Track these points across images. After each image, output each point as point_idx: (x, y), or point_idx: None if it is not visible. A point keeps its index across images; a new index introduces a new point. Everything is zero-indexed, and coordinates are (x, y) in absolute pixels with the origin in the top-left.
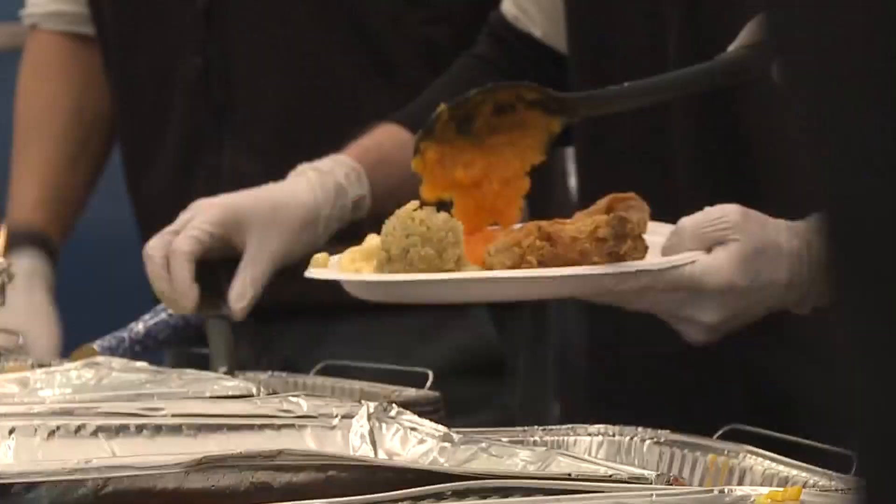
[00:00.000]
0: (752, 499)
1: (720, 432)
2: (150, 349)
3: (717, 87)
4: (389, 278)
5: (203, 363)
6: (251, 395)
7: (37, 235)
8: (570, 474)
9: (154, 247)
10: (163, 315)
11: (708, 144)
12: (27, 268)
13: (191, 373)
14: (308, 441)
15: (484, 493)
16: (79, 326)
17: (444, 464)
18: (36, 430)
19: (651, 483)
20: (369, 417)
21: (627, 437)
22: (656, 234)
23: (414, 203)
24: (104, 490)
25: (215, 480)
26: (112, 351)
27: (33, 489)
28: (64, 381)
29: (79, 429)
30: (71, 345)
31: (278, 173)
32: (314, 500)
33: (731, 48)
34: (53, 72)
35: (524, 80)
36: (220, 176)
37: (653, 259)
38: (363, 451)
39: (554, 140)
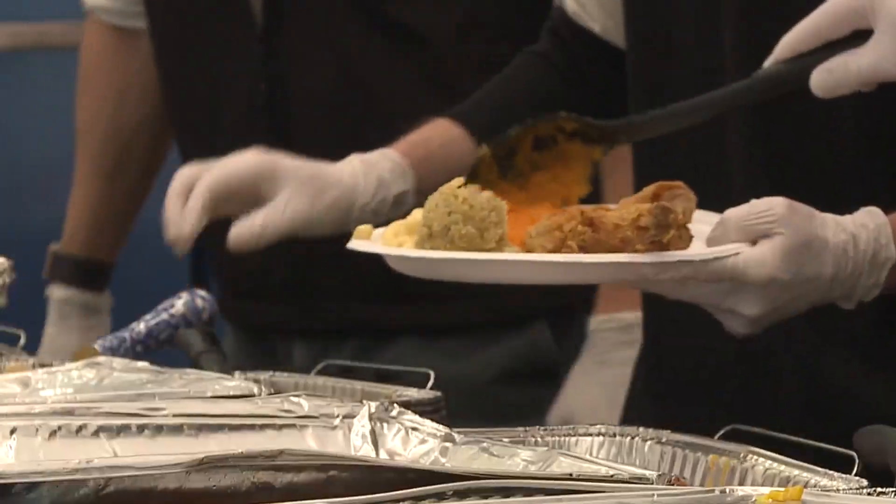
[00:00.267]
0: (753, 499)
1: (721, 432)
2: (152, 349)
3: (755, 103)
4: (428, 254)
5: None
6: (252, 395)
7: (75, 262)
8: (571, 474)
9: (184, 172)
10: (164, 315)
11: (761, 139)
12: (58, 305)
13: (192, 373)
14: (309, 441)
15: (485, 493)
16: None
17: (446, 464)
18: (37, 430)
19: (652, 483)
20: (370, 417)
21: (628, 438)
22: (704, 223)
23: (458, 180)
24: (105, 490)
25: (216, 480)
26: (113, 351)
27: (34, 489)
28: (65, 381)
29: (80, 429)
30: None
31: None
32: (315, 500)
33: (766, 64)
34: (96, 78)
35: (581, 77)
36: None
37: (697, 249)
38: (364, 451)
39: (596, 169)
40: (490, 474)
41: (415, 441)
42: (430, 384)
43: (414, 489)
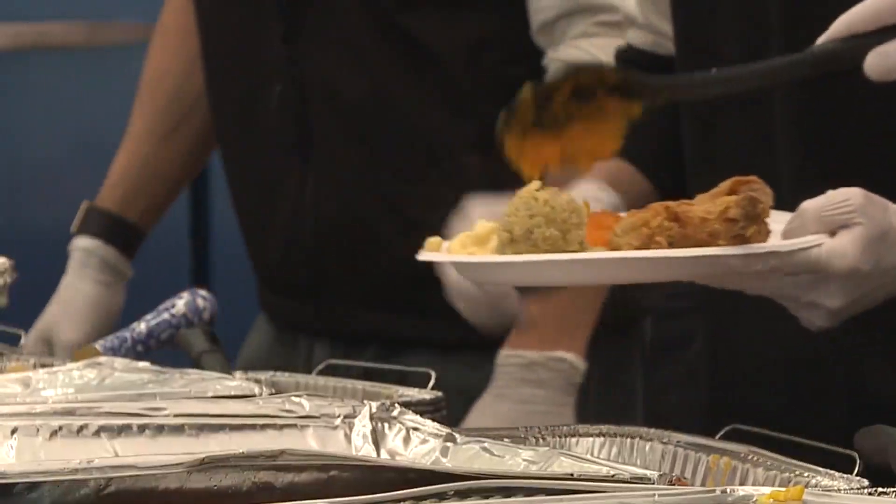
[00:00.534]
0: (754, 499)
1: (722, 432)
2: (153, 349)
3: (805, 78)
4: (514, 259)
5: None
6: (253, 395)
7: (105, 216)
8: (572, 474)
9: None
10: (165, 315)
11: (811, 131)
12: (79, 254)
13: (193, 372)
14: (310, 441)
15: (486, 492)
16: None
17: (447, 464)
18: (38, 429)
19: (653, 483)
20: (371, 417)
21: (629, 438)
22: (772, 221)
23: (536, 183)
24: (106, 490)
25: (217, 480)
26: (114, 351)
27: (35, 489)
28: (66, 381)
29: (81, 429)
30: None
31: (356, 209)
32: (316, 500)
33: (820, 41)
34: (173, 37)
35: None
36: (304, 210)
37: (776, 242)
38: (365, 450)
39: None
40: (491, 474)
41: (416, 441)
42: (430, 384)
43: (415, 489)
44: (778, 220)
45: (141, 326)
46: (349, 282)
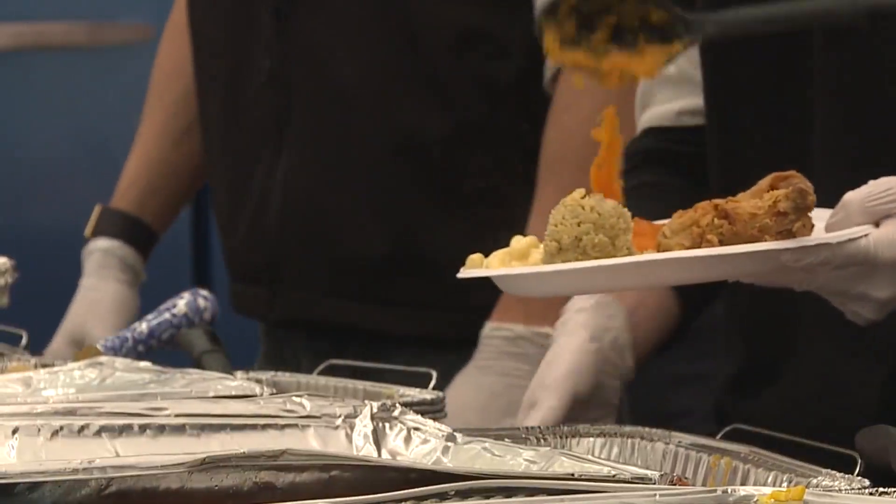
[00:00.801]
0: (755, 499)
1: (723, 432)
2: (154, 349)
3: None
4: (568, 267)
5: None
6: (254, 395)
7: (123, 217)
8: (573, 474)
9: None
10: (166, 315)
11: (851, 123)
12: (99, 255)
13: (194, 372)
14: (311, 441)
15: (487, 492)
16: None
17: (448, 464)
18: (39, 429)
19: (654, 483)
20: (373, 417)
21: (630, 438)
22: (813, 217)
23: (580, 191)
24: (107, 490)
25: (218, 480)
26: (115, 351)
27: (36, 489)
28: (67, 381)
29: (82, 428)
30: None
31: (323, 189)
32: (318, 500)
33: None
34: (181, 36)
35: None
36: (274, 181)
37: (822, 234)
38: (366, 450)
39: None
40: (492, 474)
41: (417, 441)
42: (431, 384)
43: (416, 489)
44: (817, 217)
45: (142, 326)
46: (308, 267)
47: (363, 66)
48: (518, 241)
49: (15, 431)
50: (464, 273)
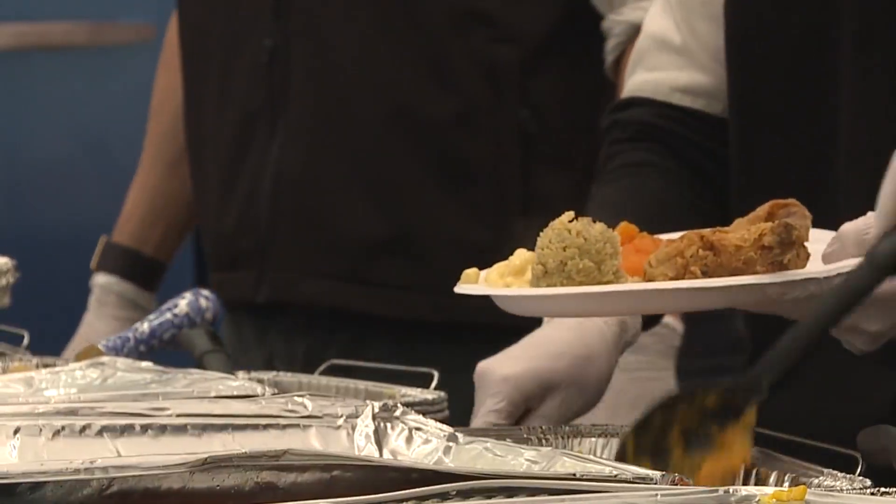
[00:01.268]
0: (756, 498)
1: None
2: (155, 349)
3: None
4: (548, 291)
5: None
6: (255, 395)
7: (121, 252)
8: (575, 474)
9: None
10: (167, 315)
11: (873, 154)
12: (98, 291)
13: (196, 372)
14: (313, 441)
15: (489, 492)
16: None
17: (449, 463)
18: (41, 429)
19: (656, 483)
20: (374, 417)
21: None
22: (817, 241)
23: (569, 214)
24: (109, 490)
25: (220, 480)
26: (117, 351)
27: (38, 489)
28: (69, 381)
29: (84, 428)
30: None
31: (317, 169)
32: (319, 500)
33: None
34: (175, 55)
35: (700, 166)
36: (266, 162)
37: (814, 267)
38: (368, 450)
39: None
40: (493, 474)
41: (418, 441)
42: (433, 384)
43: (417, 489)
44: (821, 240)
45: (143, 326)
46: (299, 248)
47: (363, 44)
48: (518, 256)
49: (16, 431)
50: (458, 289)
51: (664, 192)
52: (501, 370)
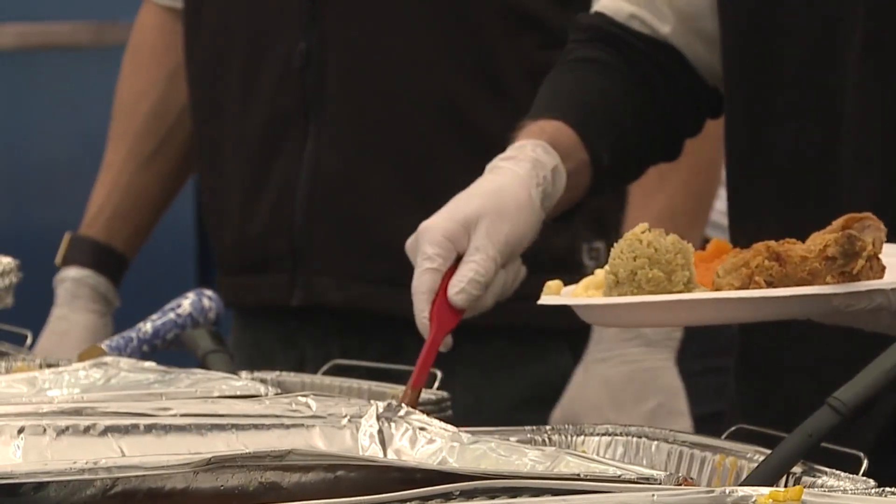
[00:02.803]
0: (753, 498)
1: (728, 432)
2: (158, 349)
3: None
4: (615, 301)
5: None
6: (259, 395)
7: (93, 245)
8: (578, 474)
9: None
10: (171, 315)
11: (880, 160)
12: (69, 284)
13: (199, 372)
14: (317, 441)
15: (492, 492)
16: None
17: (453, 463)
18: (45, 429)
19: (660, 483)
20: (378, 417)
21: (636, 437)
22: (891, 255)
23: (643, 225)
24: (113, 490)
25: (224, 480)
26: (120, 351)
27: (42, 489)
28: (72, 381)
29: (88, 428)
30: None
31: (357, 171)
32: (323, 500)
33: None
34: (147, 56)
35: (651, 82)
36: (300, 165)
37: (890, 279)
38: (372, 450)
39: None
40: (497, 474)
41: (422, 441)
42: (436, 384)
43: (421, 489)
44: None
45: (146, 326)
46: (337, 251)
47: (409, 46)
48: (600, 272)
49: (20, 431)
50: (542, 301)
51: (610, 88)
52: (420, 227)
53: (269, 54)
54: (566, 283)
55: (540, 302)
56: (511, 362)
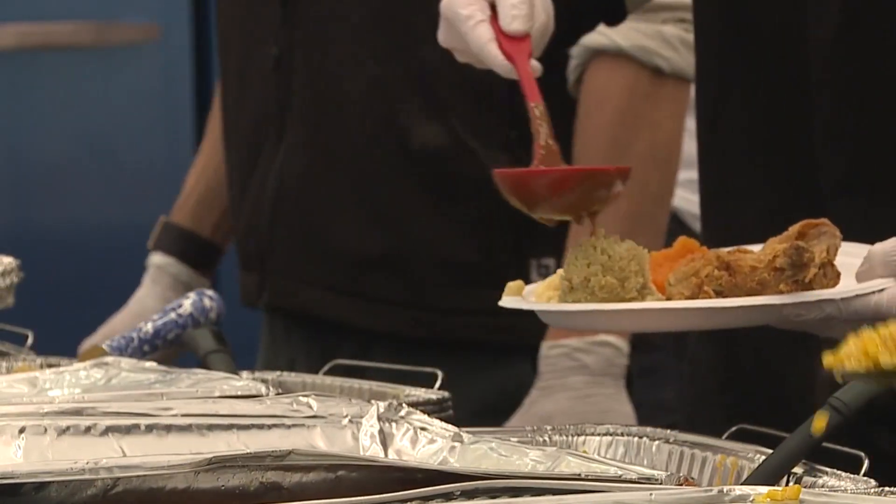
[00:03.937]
0: (751, 498)
1: (728, 432)
2: (159, 349)
3: None
4: (567, 307)
5: None
6: (260, 395)
7: (178, 232)
8: (580, 474)
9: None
10: (172, 315)
11: (854, 152)
12: (153, 270)
13: (200, 372)
14: (318, 441)
15: (493, 493)
16: (88, 326)
17: (454, 464)
18: (46, 429)
19: (661, 483)
20: (379, 417)
21: (636, 437)
22: (853, 255)
23: (600, 231)
24: (114, 490)
25: (225, 480)
26: (121, 351)
27: (43, 489)
28: (73, 381)
29: (89, 428)
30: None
31: (314, 177)
32: (324, 500)
33: None
34: None
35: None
36: (272, 167)
37: (845, 285)
38: (373, 450)
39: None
40: (498, 474)
41: (423, 441)
42: (437, 384)
43: (422, 489)
44: (857, 254)
45: (147, 326)
46: (295, 256)
47: (358, 61)
48: (559, 273)
49: (21, 431)
50: (502, 303)
51: None
52: (443, 2)
53: (253, 58)
54: None
55: (500, 303)
56: (472, 373)
